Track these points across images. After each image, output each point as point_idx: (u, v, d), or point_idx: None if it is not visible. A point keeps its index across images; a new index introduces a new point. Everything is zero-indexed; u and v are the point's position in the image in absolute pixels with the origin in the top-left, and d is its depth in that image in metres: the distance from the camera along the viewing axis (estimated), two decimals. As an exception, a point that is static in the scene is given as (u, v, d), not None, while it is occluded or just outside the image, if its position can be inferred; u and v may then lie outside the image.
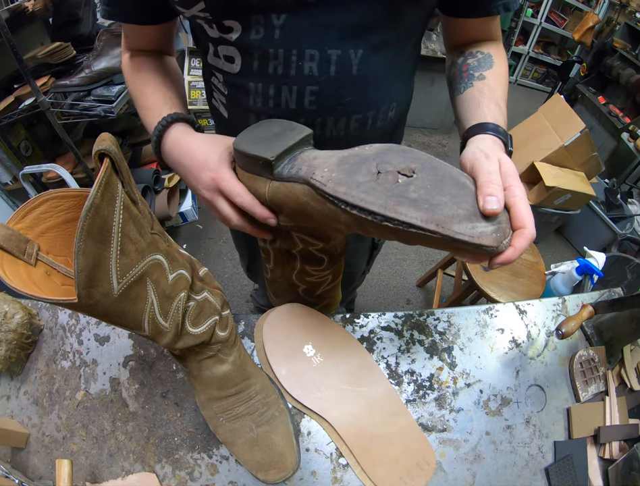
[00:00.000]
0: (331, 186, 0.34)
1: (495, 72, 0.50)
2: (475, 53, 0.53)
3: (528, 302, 0.66)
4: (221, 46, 0.46)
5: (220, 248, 1.87)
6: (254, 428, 0.49)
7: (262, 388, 0.51)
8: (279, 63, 0.44)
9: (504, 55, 0.55)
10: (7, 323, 0.54)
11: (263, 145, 0.40)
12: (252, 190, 0.42)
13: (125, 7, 0.49)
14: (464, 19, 0.52)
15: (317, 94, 0.46)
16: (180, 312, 0.40)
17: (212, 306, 0.48)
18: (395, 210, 0.31)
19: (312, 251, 0.47)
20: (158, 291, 0.36)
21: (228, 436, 0.49)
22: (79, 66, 1.34)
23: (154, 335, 0.38)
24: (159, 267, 0.36)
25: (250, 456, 0.48)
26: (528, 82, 3.78)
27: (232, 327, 0.53)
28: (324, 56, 0.43)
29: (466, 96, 0.50)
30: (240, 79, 0.47)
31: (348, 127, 0.50)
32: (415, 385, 0.56)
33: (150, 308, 0.35)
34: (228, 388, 0.49)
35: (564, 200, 1.89)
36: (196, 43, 0.53)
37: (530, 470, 0.54)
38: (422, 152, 0.36)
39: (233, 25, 0.43)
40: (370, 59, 0.45)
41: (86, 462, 0.51)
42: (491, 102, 0.47)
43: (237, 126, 0.51)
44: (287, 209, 0.41)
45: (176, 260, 0.40)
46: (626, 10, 2.75)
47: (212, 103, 0.57)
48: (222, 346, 0.49)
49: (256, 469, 0.48)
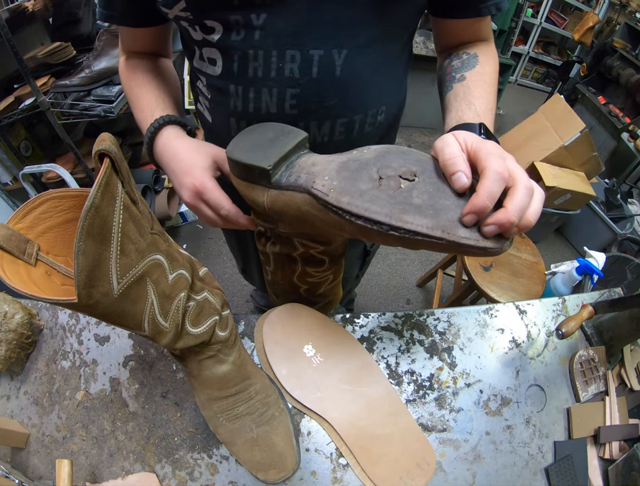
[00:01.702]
0: (334, 196, 0.33)
1: (478, 71, 0.49)
2: (461, 55, 0.51)
3: (528, 302, 0.66)
4: (205, 49, 0.45)
5: (220, 248, 1.87)
6: (254, 428, 0.49)
7: (262, 388, 0.51)
8: (259, 64, 0.43)
9: (493, 53, 0.53)
10: (7, 323, 0.54)
11: (258, 153, 0.39)
12: (250, 198, 0.41)
13: (119, 9, 0.49)
14: (455, 21, 0.51)
15: (298, 97, 0.44)
16: (180, 312, 0.40)
17: (213, 306, 0.48)
18: (400, 218, 0.31)
19: (313, 254, 0.47)
20: (159, 291, 0.36)
21: (228, 436, 0.49)
22: (79, 66, 1.34)
23: (154, 335, 0.38)
24: (159, 267, 0.36)
25: (250, 456, 0.48)
26: (528, 82, 3.78)
27: (232, 327, 0.52)
28: (305, 57, 0.42)
29: (445, 101, 0.49)
30: (221, 82, 0.46)
31: (332, 132, 0.48)
32: (415, 385, 0.56)
33: (150, 308, 0.35)
34: (228, 388, 0.49)
35: (564, 200, 1.89)
36: (184, 47, 0.52)
37: (530, 470, 0.54)
38: (422, 153, 0.36)
39: (214, 25, 0.42)
40: (355, 60, 0.44)
41: (86, 462, 0.51)
42: (463, 103, 0.45)
43: (220, 131, 0.51)
44: (288, 217, 0.40)
45: (176, 260, 0.40)
46: (626, 10, 2.75)
47: (197, 108, 0.56)
48: (222, 346, 0.49)
49: (256, 469, 0.48)
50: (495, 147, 0.33)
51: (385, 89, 0.50)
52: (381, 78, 0.48)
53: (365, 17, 0.42)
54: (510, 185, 0.31)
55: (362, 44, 0.43)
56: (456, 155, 0.32)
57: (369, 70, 0.46)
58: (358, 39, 0.43)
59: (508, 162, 0.32)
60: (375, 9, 0.42)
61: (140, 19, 0.51)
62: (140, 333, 0.36)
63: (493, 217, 0.29)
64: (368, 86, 0.47)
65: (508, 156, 0.33)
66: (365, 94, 0.47)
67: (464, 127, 0.41)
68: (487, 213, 0.30)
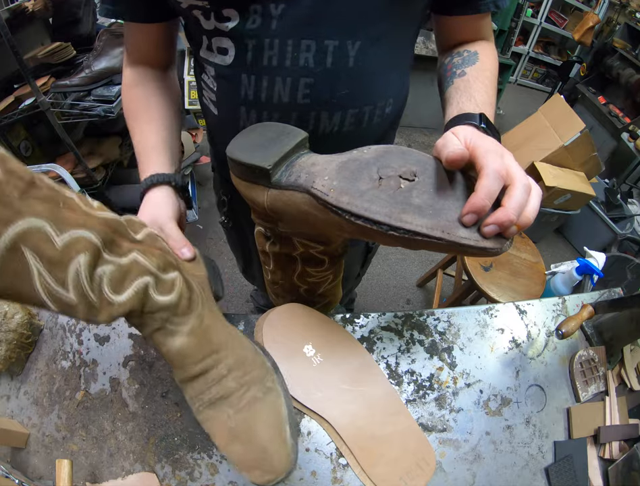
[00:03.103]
0: (334, 196, 0.33)
1: (478, 67, 0.49)
2: (462, 52, 0.52)
3: (528, 302, 0.66)
4: (215, 38, 0.46)
5: (220, 248, 1.87)
6: (231, 415, 0.40)
7: (238, 363, 0.42)
8: (274, 53, 0.43)
9: (493, 52, 0.54)
10: (7, 323, 0.54)
11: (258, 152, 0.39)
12: (249, 198, 0.41)
13: (127, 4, 0.49)
14: (455, 18, 0.52)
15: (312, 86, 0.45)
16: (85, 278, 0.34)
17: (142, 268, 0.39)
18: (400, 218, 0.31)
19: (313, 253, 0.47)
20: (44, 259, 0.32)
21: (208, 426, 0.41)
22: (79, 66, 1.34)
23: (65, 309, 0.33)
24: (37, 232, 0.31)
25: (232, 450, 0.40)
26: (528, 82, 3.78)
27: (182, 290, 0.41)
28: (320, 47, 0.42)
29: (446, 95, 0.49)
30: (232, 72, 0.47)
31: (343, 122, 0.49)
32: (415, 385, 0.56)
33: (41, 280, 0.31)
34: (189, 366, 0.40)
35: (564, 200, 1.89)
36: (188, 38, 0.53)
37: (530, 470, 0.54)
38: (422, 153, 0.36)
39: (231, 14, 0.42)
40: (367, 51, 0.44)
41: (86, 462, 0.51)
42: (464, 96, 0.45)
43: (227, 122, 0.52)
44: (288, 217, 0.40)
45: (66, 220, 0.34)
46: (626, 10, 2.75)
47: (202, 101, 0.57)
48: (169, 315, 0.40)
49: (240, 467, 0.39)
50: (493, 144, 0.33)
51: (393, 81, 0.51)
52: (389, 70, 0.49)
53: (378, 9, 0.43)
54: (507, 183, 0.31)
55: (375, 36, 0.44)
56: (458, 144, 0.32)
57: (380, 62, 0.47)
58: (371, 31, 0.44)
59: (506, 159, 0.32)
60: (388, 2, 0.43)
61: (149, 14, 0.50)
62: (50, 309, 0.33)
63: (493, 217, 0.29)
64: (379, 77, 0.48)
65: (506, 153, 0.33)
66: (375, 85, 0.48)
67: (465, 117, 0.41)
68: (486, 212, 0.30)
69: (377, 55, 0.46)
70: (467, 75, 0.48)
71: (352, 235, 0.38)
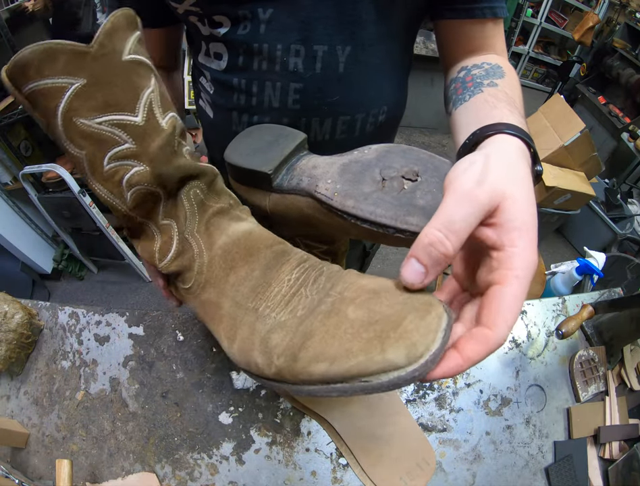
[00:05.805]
0: (338, 200, 0.33)
1: (510, 83, 0.41)
2: (481, 64, 0.45)
3: (528, 302, 0.66)
4: (212, 43, 0.46)
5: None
6: (318, 300, 0.27)
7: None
8: (264, 58, 0.43)
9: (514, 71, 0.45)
10: (7, 323, 0.54)
11: (258, 157, 0.38)
12: (250, 202, 0.41)
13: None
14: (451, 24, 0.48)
15: (301, 92, 0.45)
16: (176, 120, 0.33)
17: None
18: (406, 221, 0.31)
19: (316, 253, 0.47)
20: (156, 83, 0.32)
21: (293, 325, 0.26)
22: (79, 66, 1.34)
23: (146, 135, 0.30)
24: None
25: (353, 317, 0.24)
26: (528, 82, 3.77)
27: None
28: (310, 52, 0.42)
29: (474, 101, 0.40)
30: (226, 76, 0.47)
31: (334, 130, 0.48)
32: (415, 385, 0.56)
33: (150, 94, 0.31)
34: (255, 255, 0.32)
35: (564, 200, 1.89)
36: (190, 43, 0.53)
37: (530, 470, 0.54)
38: (422, 151, 0.36)
39: (222, 20, 0.42)
40: (358, 57, 0.44)
41: (86, 462, 0.51)
42: (511, 106, 0.36)
43: (221, 126, 0.51)
44: (291, 220, 0.40)
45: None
46: (626, 10, 2.75)
47: (199, 104, 0.57)
48: (235, 203, 0.36)
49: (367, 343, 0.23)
50: (532, 219, 0.23)
51: (387, 89, 0.50)
52: (383, 78, 0.48)
53: (369, 14, 0.42)
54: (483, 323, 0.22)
55: (366, 41, 0.43)
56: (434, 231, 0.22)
57: (372, 68, 0.46)
58: (362, 36, 0.43)
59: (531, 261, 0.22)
60: (379, 7, 0.42)
61: (153, 19, 0.51)
62: (132, 124, 0.30)
63: (442, 368, 0.21)
64: (371, 84, 0.47)
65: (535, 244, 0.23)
66: (367, 92, 0.47)
67: (518, 131, 0.30)
68: None
69: (369, 61, 0.45)
70: (500, 86, 0.40)
71: (357, 237, 0.37)
